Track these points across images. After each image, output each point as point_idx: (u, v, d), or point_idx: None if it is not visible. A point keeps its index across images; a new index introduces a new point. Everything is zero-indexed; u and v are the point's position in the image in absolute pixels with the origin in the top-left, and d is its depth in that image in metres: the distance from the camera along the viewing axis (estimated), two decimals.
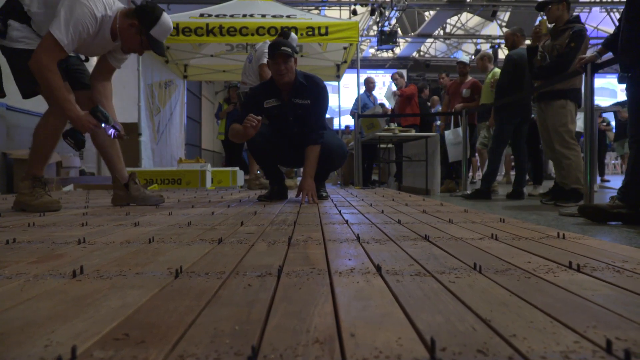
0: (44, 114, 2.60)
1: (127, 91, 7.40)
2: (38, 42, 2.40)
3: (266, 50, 4.66)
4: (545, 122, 3.93)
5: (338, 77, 8.64)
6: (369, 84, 7.80)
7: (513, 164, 5.39)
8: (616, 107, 6.82)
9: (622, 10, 2.83)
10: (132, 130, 6.34)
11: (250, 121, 2.72)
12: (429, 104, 7.42)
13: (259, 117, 2.76)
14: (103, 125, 2.55)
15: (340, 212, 2.35)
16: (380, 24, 12.36)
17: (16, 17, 2.42)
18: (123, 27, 2.49)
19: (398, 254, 1.19)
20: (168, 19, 2.59)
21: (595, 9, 13.68)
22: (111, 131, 2.63)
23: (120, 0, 2.65)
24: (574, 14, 11.60)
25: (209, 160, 11.16)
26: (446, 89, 7.04)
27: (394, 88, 7.48)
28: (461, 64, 6.27)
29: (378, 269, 1.00)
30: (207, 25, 5.95)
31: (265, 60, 4.58)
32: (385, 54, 17.62)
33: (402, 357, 0.53)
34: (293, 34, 4.73)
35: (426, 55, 17.70)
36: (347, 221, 1.93)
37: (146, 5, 2.54)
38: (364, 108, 7.43)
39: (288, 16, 6.25)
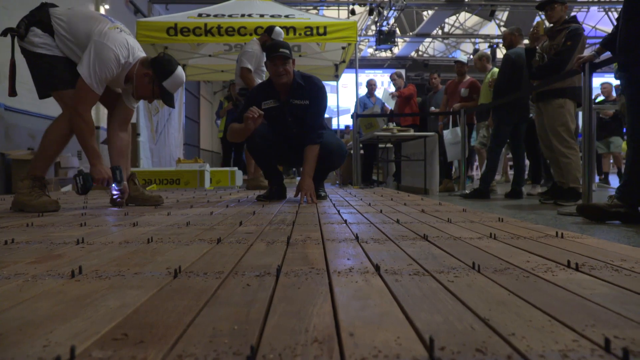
0: (57, 118, 2.63)
1: None
2: (57, 51, 2.52)
3: (249, 50, 4.67)
4: (543, 122, 3.94)
5: (336, 77, 8.64)
6: (371, 86, 7.78)
7: (511, 163, 5.39)
8: (598, 107, 6.84)
9: (620, 9, 2.83)
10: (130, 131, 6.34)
11: (252, 112, 2.73)
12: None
13: (261, 112, 2.77)
14: (114, 184, 2.68)
15: (339, 211, 2.35)
16: (378, 24, 12.36)
17: (40, 27, 2.51)
18: (138, 75, 2.62)
19: (397, 254, 1.19)
20: (181, 73, 2.72)
21: (594, 9, 13.70)
22: (116, 194, 2.74)
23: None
24: (572, 13, 11.63)
25: (207, 160, 11.15)
26: (435, 90, 7.03)
27: (391, 89, 7.45)
28: (459, 63, 6.27)
29: (377, 268, 1.00)
30: (206, 25, 5.95)
31: (246, 64, 4.58)
32: (383, 54, 17.62)
33: (401, 357, 0.53)
34: (278, 28, 4.73)
35: (425, 55, 17.70)
36: (345, 221, 1.93)
37: (163, 58, 2.66)
38: (364, 109, 7.43)
39: (286, 16, 6.25)
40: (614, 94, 7.54)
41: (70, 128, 2.59)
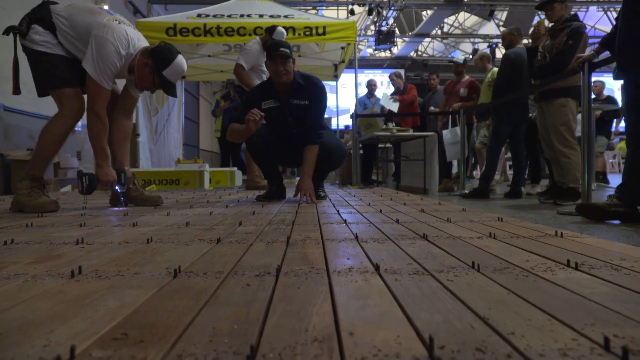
0: (53, 117, 2.63)
1: None
2: (59, 50, 2.55)
3: (247, 48, 4.67)
4: (545, 121, 3.93)
5: (336, 77, 8.64)
6: (371, 87, 7.76)
7: (510, 163, 5.40)
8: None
9: (619, 9, 2.83)
10: None
11: (253, 115, 2.72)
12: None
13: (262, 113, 2.77)
14: (117, 186, 2.73)
15: (338, 211, 2.35)
16: (377, 24, 12.36)
17: (42, 24, 2.52)
18: (139, 65, 2.63)
19: (396, 253, 1.19)
20: (182, 62, 2.71)
21: (593, 8, 13.71)
22: (120, 200, 2.82)
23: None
24: (572, 12, 11.63)
25: (207, 160, 11.16)
26: (434, 90, 7.02)
27: (390, 91, 7.43)
28: (455, 64, 6.28)
29: (376, 268, 1.00)
30: (205, 25, 5.95)
31: (241, 60, 4.58)
32: (382, 54, 17.63)
33: (401, 356, 0.53)
34: (280, 28, 4.73)
35: (424, 55, 17.71)
36: (345, 221, 1.93)
37: (162, 47, 2.67)
38: (364, 109, 7.42)
39: (285, 16, 6.25)
40: (605, 92, 7.55)
41: (67, 127, 2.60)
